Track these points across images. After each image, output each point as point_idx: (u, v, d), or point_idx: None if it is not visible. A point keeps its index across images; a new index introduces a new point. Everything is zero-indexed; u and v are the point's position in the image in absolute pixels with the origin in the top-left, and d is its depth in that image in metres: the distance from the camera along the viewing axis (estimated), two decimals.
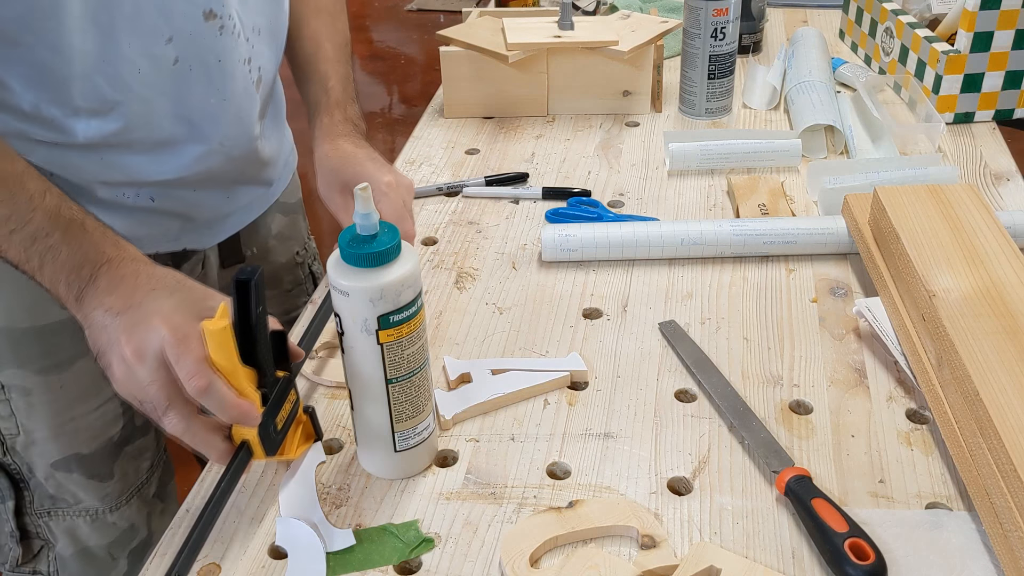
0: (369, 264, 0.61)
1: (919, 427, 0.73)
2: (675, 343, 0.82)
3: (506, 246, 0.99)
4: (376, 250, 0.60)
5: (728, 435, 0.73)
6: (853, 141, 1.13)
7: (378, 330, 0.62)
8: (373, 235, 0.61)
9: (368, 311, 0.61)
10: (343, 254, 0.61)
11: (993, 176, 1.08)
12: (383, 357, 0.63)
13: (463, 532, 0.65)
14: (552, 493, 0.68)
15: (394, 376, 0.65)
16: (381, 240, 0.61)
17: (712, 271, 0.93)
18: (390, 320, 0.62)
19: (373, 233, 0.61)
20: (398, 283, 0.61)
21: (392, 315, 0.62)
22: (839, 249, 0.94)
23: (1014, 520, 0.58)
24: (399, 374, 0.65)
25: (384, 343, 0.63)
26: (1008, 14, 1.12)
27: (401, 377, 0.65)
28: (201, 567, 0.63)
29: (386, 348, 0.63)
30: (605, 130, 1.23)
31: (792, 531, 0.64)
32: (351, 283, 0.61)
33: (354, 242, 0.61)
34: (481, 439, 0.73)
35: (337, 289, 0.62)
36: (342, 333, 0.64)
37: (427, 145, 1.21)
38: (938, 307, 0.71)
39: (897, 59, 1.28)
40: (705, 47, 1.19)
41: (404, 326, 0.63)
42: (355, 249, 0.61)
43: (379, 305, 0.61)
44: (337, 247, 0.62)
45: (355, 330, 0.63)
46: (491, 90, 1.24)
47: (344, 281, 0.61)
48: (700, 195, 1.07)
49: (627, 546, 0.64)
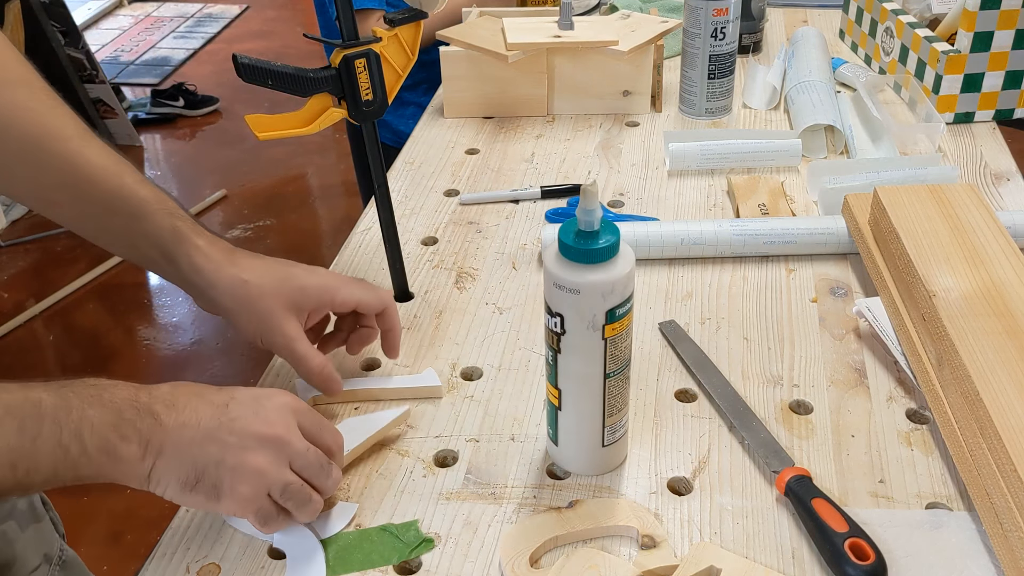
0: (600, 259, 0.60)
1: (919, 427, 0.73)
2: (675, 343, 0.82)
3: (506, 246, 0.99)
4: (607, 245, 0.60)
5: (728, 435, 0.73)
6: (853, 141, 1.13)
7: (605, 324, 0.62)
8: (597, 231, 0.60)
9: (599, 306, 0.61)
10: (570, 252, 0.60)
11: (993, 176, 1.08)
12: (605, 351, 0.63)
13: (463, 532, 0.65)
14: (552, 493, 0.68)
15: (612, 370, 0.64)
16: (606, 234, 0.60)
17: (712, 271, 0.93)
18: (616, 314, 0.62)
19: (597, 229, 0.60)
20: (627, 276, 0.61)
21: (618, 308, 0.61)
22: (839, 249, 0.94)
23: (1014, 520, 0.58)
24: (616, 367, 0.64)
25: (608, 337, 0.62)
26: (1008, 14, 1.12)
27: (617, 371, 0.65)
28: (201, 567, 0.63)
29: (609, 342, 0.63)
30: (605, 130, 1.23)
31: (792, 531, 0.64)
32: (583, 279, 0.60)
33: (581, 238, 0.60)
34: (481, 439, 0.73)
35: (564, 288, 0.61)
36: (562, 333, 0.63)
37: (427, 145, 1.20)
38: (938, 307, 0.71)
39: (897, 59, 1.28)
40: (705, 47, 1.19)
41: (626, 319, 0.63)
42: (586, 245, 0.60)
43: (609, 299, 0.61)
44: (556, 245, 0.61)
45: (581, 327, 0.62)
46: (491, 90, 1.24)
47: (574, 279, 0.60)
48: (700, 195, 1.07)
49: (627, 546, 0.64)
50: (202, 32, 4.50)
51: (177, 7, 4.84)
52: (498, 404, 0.77)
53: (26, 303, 2.56)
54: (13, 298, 2.60)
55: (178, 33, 4.50)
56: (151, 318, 2.54)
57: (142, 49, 4.33)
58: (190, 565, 0.64)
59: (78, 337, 2.45)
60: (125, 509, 1.91)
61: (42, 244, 2.82)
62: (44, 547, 0.79)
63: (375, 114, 0.80)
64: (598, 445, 0.68)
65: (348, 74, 0.77)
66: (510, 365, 0.81)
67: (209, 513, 0.67)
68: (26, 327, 2.48)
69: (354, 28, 0.77)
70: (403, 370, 0.81)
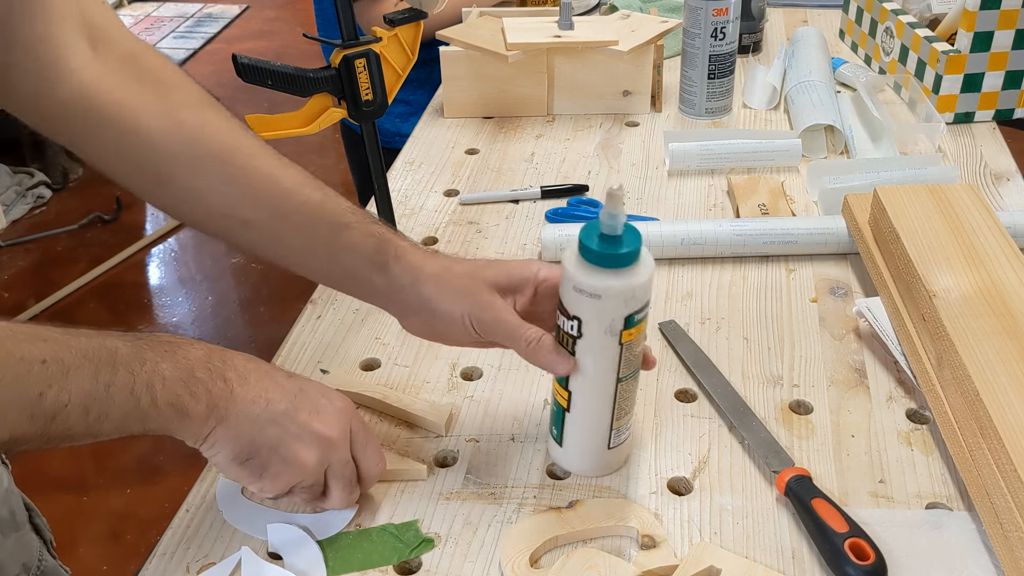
0: (622, 264, 0.59)
1: (919, 427, 0.73)
2: (675, 343, 0.82)
3: (506, 246, 0.99)
4: (630, 250, 0.59)
5: (728, 435, 0.73)
6: (853, 141, 1.13)
7: (623, 330, 0.61)
8: (620, 235, 0.59)
9: (619, 311, 0.60)
10: (593, 256, 0.59)
11: (993, 176, 1.08)
12: (620, 356, 0.62)
13: (463, 532, 0.65)
14: (552, 493, 0.68)
15: (625, 374, 0.64)
16: (628, 240, 0.59)
17: (712, 271, 0.93)
18: (634, 319, 0.61)
19: (620, 233, 0.59)
20: (648, 282, 0.60)
21: (637, 314, 0.61)
22: (839, 249, 0.93)
23: (1014, 520, 0.58)
24: (629, 372, 0.64)
25: (625, 343, 0.61)
26: (1008, 14, 1.12)
27: (629, 375, 0.64)
28: (201, 567, 0.63)
29: (625, 347, 0.62)
30: (605, 130, 1.23)
31: (792, 531, 0.64)
32: (605, 284, 0.59)
33: (605, 243, 0.59)
34: (481, 439, 0.73)
35: (585, 292, 0.59)
36: (578, 336, 0.62)
37: (427, 145, 1.20)
38: (938, 307, 0.71)
39: (897, 59, 1.28)
40: (705, 47, 1.19)
41: (643, 323, 0.62)
42: (610, 250, 0.58)
43: (630, 304, 0.60)
44: (576, 248, 0.60)
45: (599, 332, 0.61)
46: (491, 90, 1.24)
47: (597, 283, 0.59)
48: (700, 195, 1.07)
49: (627, 546, 0.64)
50: (202, 32, 4.50)
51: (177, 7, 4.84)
52: (498, 404, 0.77)
53: (26, 303, 2.56)
54: (13, 298, 2.59)
55: (178, 33, 4.50)
56: (151, 318, 2.54)
57: None
58: (190, 565, 0.64)
59: None
60: (125, 509, 1.91)
61: (42, 244, 2.82)
62: (23, 556, 0.78)
63: (375, 114, 0.80)
64: (604, 447, 0.68)
65: (348, 74, 0.77)
66: (510, 365, 0.81)
67: (209, 513, 0.67)
68: None
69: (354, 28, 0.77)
70: (402, 370, 0.81)
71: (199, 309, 2.55)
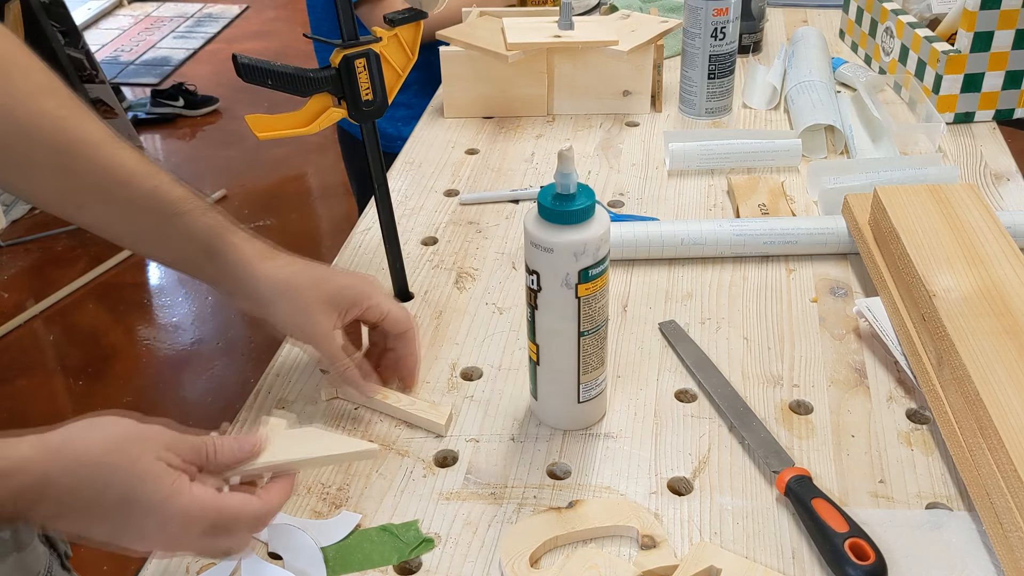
0: (573, 221, 0.64)
1: (919, 427, 0.73)
2: (675, 343, 0.82)
3: (506, 246, 0.99)
4: (580, 207, 0.64)
5: (728, 435, 0.73)
6: (853, 141, 1.13)
7: (578, 284, 0.66)
8: (573, 194, 0.64)
9: (571, 266, 0.65)
10: (547, 213, 0.64)
11: (993, 176, 1.08)
12: (579, 310, 0.67)
13: (463, 532, 0.65)
14: (552, 493, 0.68)
15: (586, 328, 0.68)
16: (581, 197, 0.64)
17: (712, 271, 0.93)
18: (589, 274, 0.65)
19: (573, 192, 0.64)
20: (599, 238, 0.65)
21: (591, 269, 0.65)
22: (839, 249, 0.94)
23: (1014, 520, 0.58)
24: (591, 326, 0.68)
25: (582, 296, 0.66)
26: (1008, 14, 1.12)
27: (592, 330, 0.69)
28: (201, 567, 0.63)
29: (583, 301, 0.67)
30: (605, 130, 1.23)
31: (792, 531, 0.64)
32: (556, 239, 0.64)
33: (557, 200, 0.64)
34: (481, 439, 0.73)
35: (540, 247, 0.65)
36: (538, 290, 0.67)
37: (427, 145, 1.20)
38: (938, 307, 0.71)
39: (897, 59, 1.28)
40: (705, 47, 1.19)
41: (600, 279, 0.66)
42: (560, 207, 0.64)
43: (581, 259, 0.65)
44: (536, 207, 0.65)
45: (555, 285, 0.66)
46: (491, 90, 1.24)
47: (549, 238, 0.64)
48: (700, 195, 1.07)
49: (627, 546, 0.64)
50: (202, 32, 4.50)
51: (177, 7, 4.84)
52: (498, 404, 0.77)
53: (26, 303, 2.56)
54: (13, 298, 2.60)
55: (178, 33, 4.50)
56: (151, 318, 2.54)
57: (142, 49, 4.33)
58: (190, 565, 0.64)
59: (78, 337, 2.45)
60: None
61: (42, 244, 2.82)
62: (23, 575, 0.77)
63: (375, 114, 0.80)
64: (574, 401, 0.72)
65: (348, 74, 0.77)
66: (510, 365, 0.81)
67: None
68: (26, 327, 2.48)
69: (354, 28, 0.77)
70: None
71: (199, 309, 2.55)
